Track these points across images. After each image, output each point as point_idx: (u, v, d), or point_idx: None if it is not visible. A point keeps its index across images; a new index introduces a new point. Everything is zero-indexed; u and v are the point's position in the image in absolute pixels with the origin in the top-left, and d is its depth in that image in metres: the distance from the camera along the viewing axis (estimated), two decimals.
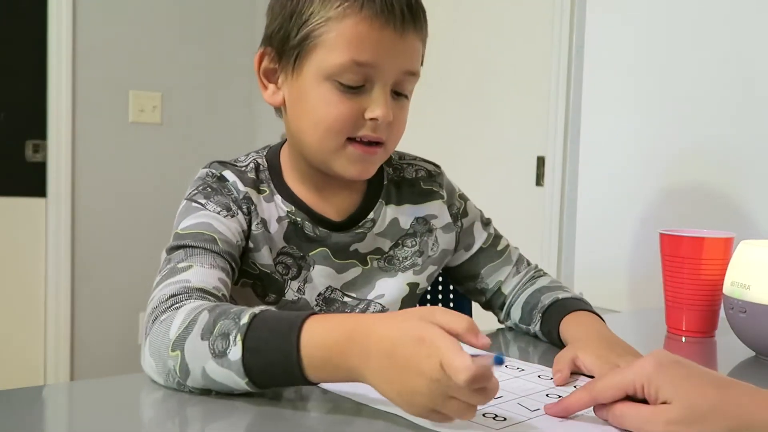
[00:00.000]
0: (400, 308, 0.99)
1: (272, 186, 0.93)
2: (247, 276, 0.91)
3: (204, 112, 3.09)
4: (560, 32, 1.92)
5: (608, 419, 0.65)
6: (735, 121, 1.52)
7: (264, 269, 0.91)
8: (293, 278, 0.92)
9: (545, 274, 1.08)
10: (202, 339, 0.67)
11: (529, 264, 1.09)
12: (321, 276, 0.93)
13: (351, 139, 0.86)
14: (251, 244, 0.90)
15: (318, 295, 0.94)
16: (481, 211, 1.08)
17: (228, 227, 0.86)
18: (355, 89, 0.84)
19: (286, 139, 0.97)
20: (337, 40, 0.82)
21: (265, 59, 0.90)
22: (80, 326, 2.86)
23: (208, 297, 0.76)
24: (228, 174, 0.90)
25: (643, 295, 1.70)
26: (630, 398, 0.64)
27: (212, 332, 0.66)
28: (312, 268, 0.93)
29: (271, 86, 0.91)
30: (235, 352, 0.64)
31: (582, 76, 1.88)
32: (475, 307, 1.14)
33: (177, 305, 0.73)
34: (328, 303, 0.95)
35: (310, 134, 0.87)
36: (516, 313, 1.03)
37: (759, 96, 1.48)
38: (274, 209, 0.92)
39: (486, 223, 1.08)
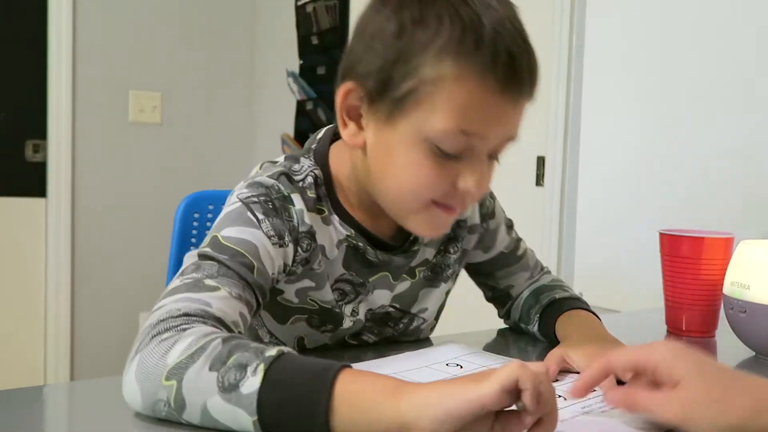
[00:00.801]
0: (436, 317, 0.98)
1: (329, 204, 0.84)
2: (302, 312, 0.86)
3: (204, 112, 3.09)
4: (560, 32, 1.92)
5: (618, 404, 0.63)
6: (735, 120, 1.52)
7: (325, 305, 0.86)
8: (348, 302, 0.88)
9: (548, 272, 1.08)
10: (210, 370, 0.58)
11: (542, 269, 1.07)
12: (378, 298, 0.90)
13: (434, 201, 0.78)
14: (312, 283, 0.84)
15: (368, 310, 0.90)
16: (504, 211, 1.05)
17: (272, 258, 0.76)
18: (452, 155, 0.74)
19: (330, 139, 0.87)
20: (446, 102, 0.71)
21: (351, 96, 0.77)
22: (80, 326, 2.86)
23: (223, 330, 0.67)
24: (296, 198, 0.80)
25: (643, 295, 1.70)
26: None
27: (225, 363, 0.58)
28: (371, 292, 0.89)
29: (352, 125, 0.78)
30: (251, 384, 0.56)
31: (582, 76, 1.88)
32: (475, 300, 1.14)
33: (186, 326, 0.64)
34: (376, 317, 0.91)
35: (391, 191, 0.78)
36: (515, 313, 1.03)
37: (758, 96, 1.48)
38: (333, 233, 0.84)
39: (509, 226, 1.04)
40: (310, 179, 0.82)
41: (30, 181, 2.77)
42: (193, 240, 1.28)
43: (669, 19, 1.66)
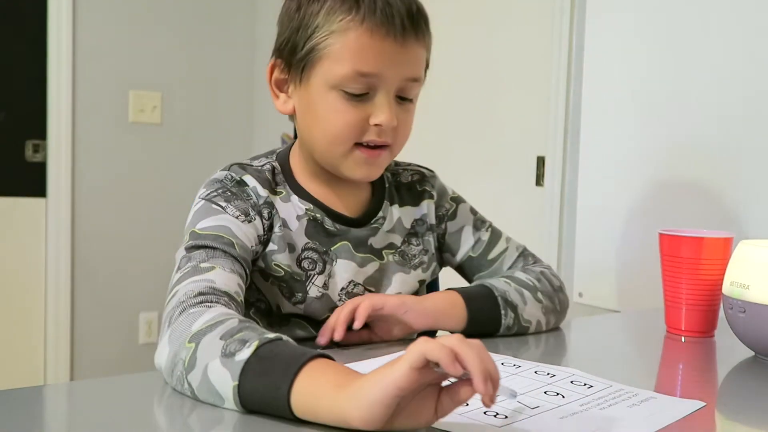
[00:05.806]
0: None
1: (288, 187, 0.96)
2: (275, 277, 0.94)
3: (204, 112, 3.10)
4: (560, 32, 1.92)
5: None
6: (735, 120, 1.52)
7: (288, 269, 0.93)
8: (319, 273, 0.95)
9: (535, 264, 1.09)
10: (220, 338, 0.67)
11: (528, 263, 1.09)
12: (343, 271, 0.96)
13: (358, 144, 0.91)
14: (275, 246, 0.92)
15: (341, 290, 0.96)
16: (476, 215, 1.09)
17: (245, 233, 0.88)
18: (360, 96, 0.88)
19: (292, 143, 1.01)
20: (341, 51, 0.87)
21: (275, 70, 0.94)
22: (80, 326, 2.86)
23: (231, 304, 0.78)
24: (248, 179, 0.92)
25: (643, 295, 1.70)
26: None
27: (233, 336, 0.67)
28: (335, 262, 0.96)
29: (282, 95, 0.95)
30: (243, 354, 0.64)
31: (582, 76, 1.88)
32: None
33: (208, 303, 0.75)
34: (350, 296, 0.96)
35: (320, 140, 0.92)
36: None
37: (759, 95, 1.48)
38: (292, 209, 0.95)
39: (477, 227, 1.08)
40: (267, 167, 0.96)
41: (30, 181, 2.77)
42: None
43: (670, 19, 1.66)
